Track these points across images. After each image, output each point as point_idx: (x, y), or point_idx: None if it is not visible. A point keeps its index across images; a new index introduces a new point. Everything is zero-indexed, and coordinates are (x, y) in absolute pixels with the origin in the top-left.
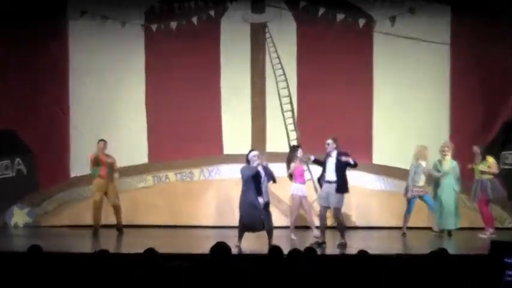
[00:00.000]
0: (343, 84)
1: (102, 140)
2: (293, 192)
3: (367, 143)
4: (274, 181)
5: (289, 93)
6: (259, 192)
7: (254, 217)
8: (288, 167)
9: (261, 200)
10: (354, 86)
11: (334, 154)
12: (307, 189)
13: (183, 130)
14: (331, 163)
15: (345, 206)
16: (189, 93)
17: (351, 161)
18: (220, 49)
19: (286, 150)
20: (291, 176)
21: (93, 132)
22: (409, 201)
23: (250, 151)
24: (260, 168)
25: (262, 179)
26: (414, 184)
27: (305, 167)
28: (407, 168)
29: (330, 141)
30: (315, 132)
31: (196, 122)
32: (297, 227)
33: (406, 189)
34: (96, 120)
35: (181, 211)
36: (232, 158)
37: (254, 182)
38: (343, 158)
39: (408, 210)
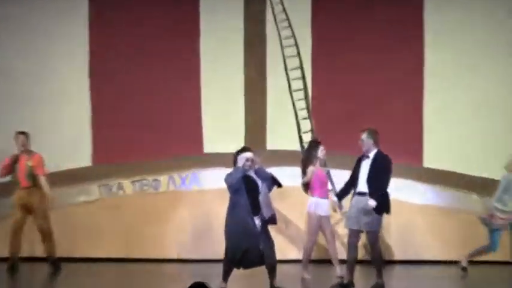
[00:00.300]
0: (380, 63)
1: (21, 132)
2: (310, 209)
3: (416, 140)
4: (279, 185)
5: (301, 64)
6: (254, 208)
7: (247, 245)
8: (304, 172)
9: (257, 221)
10: (396, 66)
11: (372, 154)
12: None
13: (144, 118)
14: (365, 167)
15: (382, 229)
16: (153, 66)
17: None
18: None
19: (295, 147)
20: (306, 186)
21: (10, 119)
22: (493, 233)
23: (240, 150)
24: (252, 173)
25: (260, 188)
26: (503, 208)
27: (327, 173)
28: (478, 174)
29: (365, 135)
30: (335, 125)
31: (163, 106)
32: (312, 261)
33: (490, 215)
34: (17, 104)
35: (142, 237)
36: (217, 159)
37: (247, 193)
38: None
39: (491, 246)
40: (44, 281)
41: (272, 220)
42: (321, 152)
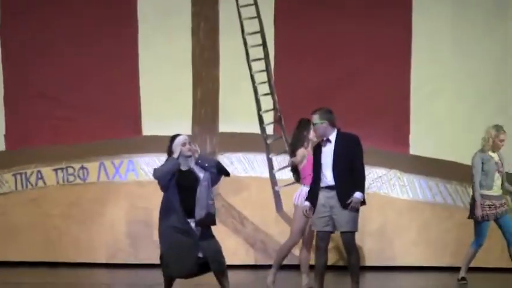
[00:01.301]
0: (361, 30)
1: None
2: (297, 200)
3: (401, 122)
4: (226, 174)
5: (262, 28)
6: (188, 209)
7: (180, 254)
8: (293, 155)
9: (192, 223)
10: (381, 34)
11: (333, 137)
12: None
13: (69, 93)
14: (328, 155)
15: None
16: (82, 33)
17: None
18: None
19: (254, 129)
20: (296, 173)
21: None
22: (478, 226)
23: (174, 136)
24: (192, 165)
25: (201, 182)
26: (485, 193)
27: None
28: (467, 163)
29: (316, 118)
30: (303, 103)
31: (92, 79)
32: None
33: (472, 204)
34: None
35: (65, 238)
36: (158, 143)
37: (179, 191)
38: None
39: (476, 242)
40: None
41: (207, 221)
42: (311, 133)
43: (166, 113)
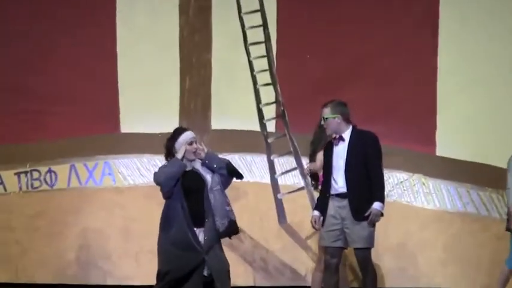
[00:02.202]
0: (381, 12)
1: None
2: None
3: (426, 117)
4: (239, 176)
5: (262, 6)
6: (196, 217)
7: (185, 270)
8: (312, 159)
9: (201, 235)
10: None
11: (347, 135)
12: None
13: (31, 82)
14: (340, 156)
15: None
16: (51, 14)
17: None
18: None
19: (252, 126)
20: (315, 179)
21: None
22: None
23: (178, 131)
24: (199, 167)
25: (209, 186)
26: None
27: None
28: (504, 166)
29: (327, 112)
30: (311, 96)
31: (62, 67)
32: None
33: (509, 213)
34: None
35: (30, 255)
36: (139, 142)
37: (185, 196)
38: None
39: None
40: None
41: (231, 230)
42: None
43: (148, 106)
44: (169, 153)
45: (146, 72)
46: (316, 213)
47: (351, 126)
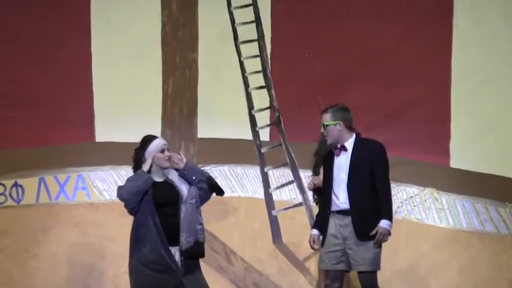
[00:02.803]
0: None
1: None
2: None
3: (439, 123)
4: (220, 192)
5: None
6: (170, 234)
7: None
8: (316, 173)
9: (177, 254)
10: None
11: (350, 144)
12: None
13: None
14: (341, 168)
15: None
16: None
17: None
18: None
19: (244, 134)
20: (319, 194)
21: None
22: None
23: (146, 139)
24: (174, 177)
25: (186, 199)
26: None
27: None
28: None
29: (328, 118)
30: (308, 101)
31: (29, 68)
32: None
33: None
34: None
35: None
36: (117, 152)
37: (156, 211)
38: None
39: None
40: None
41: (195, 251)
42: None
43: (127, 111)
44: (138, 165)
45: (124, 74)
46: (315, 231)
47: (354, 134)
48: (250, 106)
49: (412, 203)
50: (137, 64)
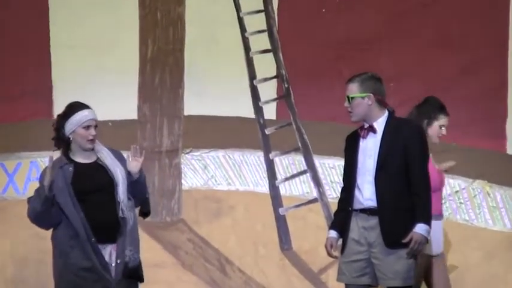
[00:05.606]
0: None
1: None
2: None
3: (492, 101)
4: (146, 214)
5: None
6: (103, 228)
7: None
8: None
9: (113, 254)
10: None
11: (381, 124)
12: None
13: None
14: (368, 154)
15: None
16: None
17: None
18: None
19: (243, 111)
20: None
21: None
22: None
23: (73, 107)
24: (107, 158)
25: (119, 184)
26: None
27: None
28: None
29: (355, 88)
30: (321, 73)
31: None
32: None
33: None
34: None
35: None
36: None
37: (82, 200)
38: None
39: None
40: None
41: (133, 274)
42: (435, 127)
43: (93, 81)
44: (58, 137)
45: (90, 34)
46: (333, 233)
47: (386, 112)
48: (252, 75)
49: (458, 200)
50: (106, 21)
